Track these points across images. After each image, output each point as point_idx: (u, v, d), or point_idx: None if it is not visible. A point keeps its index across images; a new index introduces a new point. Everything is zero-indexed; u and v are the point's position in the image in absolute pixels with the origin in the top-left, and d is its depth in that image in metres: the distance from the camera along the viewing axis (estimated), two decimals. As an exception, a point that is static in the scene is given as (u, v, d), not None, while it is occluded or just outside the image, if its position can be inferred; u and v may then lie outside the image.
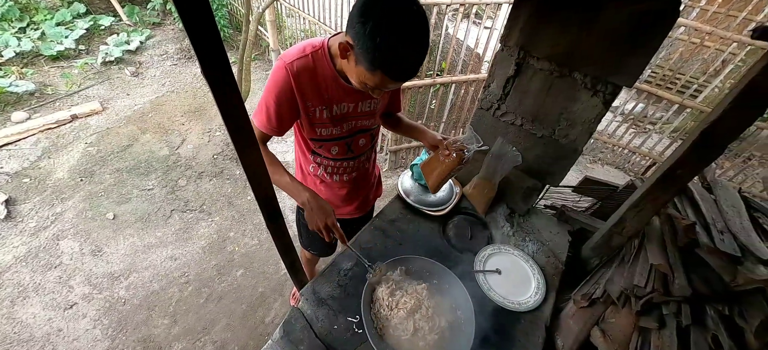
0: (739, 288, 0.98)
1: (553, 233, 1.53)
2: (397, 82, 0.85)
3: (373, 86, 0.87)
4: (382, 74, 0.81)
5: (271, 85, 0.98)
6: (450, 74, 2.88)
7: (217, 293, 2.24)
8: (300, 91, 0.97)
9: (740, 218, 1.18)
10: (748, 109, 0.93)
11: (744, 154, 3.53)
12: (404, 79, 0.84)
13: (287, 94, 0.97)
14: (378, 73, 0.81)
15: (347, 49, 0.83)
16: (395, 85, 0.87)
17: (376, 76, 0.82)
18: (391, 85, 0.86)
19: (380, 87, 0.87)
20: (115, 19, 4.87)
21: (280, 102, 0.99)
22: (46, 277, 2.21)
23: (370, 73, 0.82)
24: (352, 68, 0.87)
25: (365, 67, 0.82)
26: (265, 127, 1.04)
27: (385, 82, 0.83)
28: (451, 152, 1.18)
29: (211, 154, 3.27)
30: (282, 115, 1.02)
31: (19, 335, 1.95)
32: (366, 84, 0.87)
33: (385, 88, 0.89)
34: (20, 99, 3.54)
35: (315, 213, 1.04)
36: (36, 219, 2.53)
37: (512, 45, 1.30)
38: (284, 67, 0.94)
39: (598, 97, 1.21)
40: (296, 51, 0.96)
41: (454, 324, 1.08)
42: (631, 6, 1.01)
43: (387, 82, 0.84)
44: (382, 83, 0.84)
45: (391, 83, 0.85)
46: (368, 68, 0.81)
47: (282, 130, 1.06)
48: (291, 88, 0.96)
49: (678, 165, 1.07)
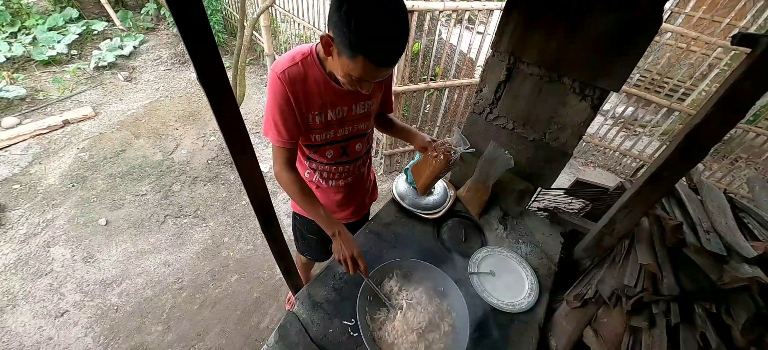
0: (726, 286, 1.01)
1: (545, 235, 1.55)
2: (381, 68, 0.83)
3: (359, 76, 0.85)
4: (364, 60, 0.80)
5: (271, 99, 0.98)
6: (443, 79, 2.91)
7: (212, 299, 2.23)
8: (295, 99, 0.98)
9: (725, 218, 1.21)
10: (730, 112, 0.96)
11: (731, 156, 3.61)
12: (387, 62, 0.83)
13: (286, 103, 0.97)
14: (359, 60, 0.80)
15: (329, 43, 0.83)
16: (380, 72, 0.85)
17: (358, 64, 0.81)
18: (376, 73, 0.84)
19: (366, 77, 0.85)
20: (109, 24, 4.85)
21: (283, 112, 0.99)
22: (37, 285, 2.18)
23: (352, 61, 0.81)
24: (337, 63, 0.86)
25: (347, 57, 0.81)
26: (280, 141, 1.03)
27: (369, 69, 0.82)
28: (438, 154, 1.20)
29: (206, 158, 3.26)
30: (290, 126, 1.01)
31: (8, 344, 1.91)
32: (351, 76, 0.86)
33: (372, 78, 0.87)
34: (11, 104, 3.49)
35: (344, 244, 1.05)
36: (26, 225, 2.49)
37: (503, 51, 1.33)
38: (277, 78, 0.95)
39: (587, 100, 1.24)
40: (287, 60, 0.97)
41: (448, 326, 1.09)
42: (614, 13, 1.04)
43: (371, 70, 0.82)
44: (366, 71, 0.83)
45: (375, 70, 0.83)
46: (350, 57, 0.80)
47: (295, 140, 1.06)
48: (287, 96, 0.96)
49: (665, 167, 1.10)
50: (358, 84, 0.90)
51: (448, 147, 1.19)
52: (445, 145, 1.20)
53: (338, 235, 1.07)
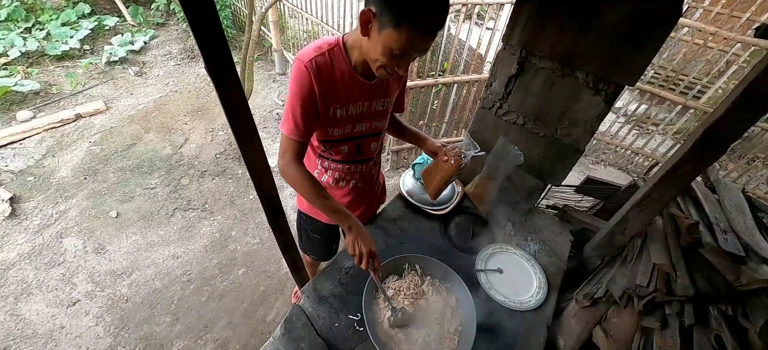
0: (743, 288, 0.98)
1: (554, 233, 1.52)
2: (425, 38, 0.82)
3: (401, 49, 0.82)
4: (409, 29, 0.78)
5: (294, 87, 0.95)
6: (452, 74, 2.88)
7: (219, 291, 2.25)
8: (320, 89, 0.95)
9: (744, 218, 1.17)
10: (750, 108, 0.93)
11: (748, 156, 3.51)
12: (432, 29, 0.81)
13: (310, 91, 0.95)
14: (405, 29, 0.78)
15: (369, 18, 0.81)
16: (424, 42, 0.83)
17: (403, 35, 0.79)
18: (420, 42, 0.83)
19: (409, 48, 0.83)
20: (120, 19, 4.91)
21: (305, 102, 0.96)
22: (50, 274, 2.23)
23: (396, 32, 0.79)
24: (376, 40, 0.84)
25: (391, 27, 0.79)
26: (294, 133, 1.00)
27: (412, 39, 0.80)
28: (449, 158, 1.18)
29: (214, 153, 3.29)
30: (309, 117, 0.99)
31: (22, 332, 1.97)
32: (392, 50, 0.83)
33: (415, 50, 0.85)
34: (25, 98, 3.57)
35: (360, 239, 1.02)
36: (40, 217, 2.54)
37: (514, 44, 1.30)
38: (304, 66, 0.92)
39: (600, 95, 1.20)
40: (313, 49, 0.94)
41: (455, 323, 1.08)
42: (632, 5, 1.01)
43: (416, 39, 0.81)
44: (409, 42, 0.81)
45: (419, 39, 0.81)
46: (394, 27, 0.79)
47: (310, 134, 1.03)
48: (312, 85, 0.94)
49: (681, 164, 1.06)
50: (397, 63, 0.87)
51: (458, 151, 1.18)
52: (455, 149, 1.19)
53: (354, 228, 1.04)
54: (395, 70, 0.89)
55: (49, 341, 1.94)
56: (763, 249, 1.02)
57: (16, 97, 3.53)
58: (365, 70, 0.98)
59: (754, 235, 1.09)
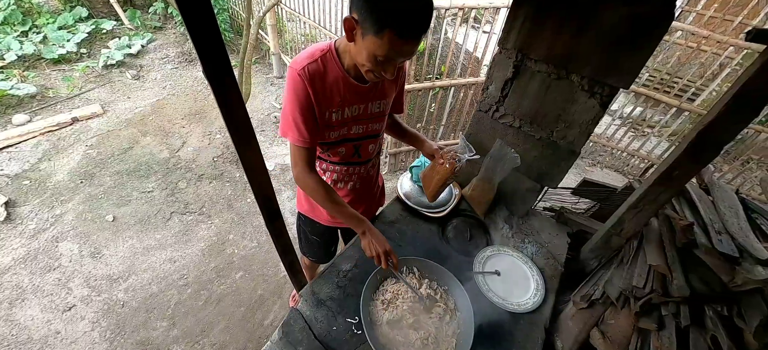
0: (738, 288, 0.98)
1: (552, 235, 1.53)
2: (408, 43, 0.81)
3: (384, 55, 0.82)
4: (391, 34, 0.78)
5: (290, 96, 0.96)
6: (449, 78, 2.89)
7: (216, 295, 2.24)
8: (315, 95, 0.96)
9: (738, 219, 1.18)
10: (743, 110, 0.94)
11: (742, 157, 3.54)
12: (414, 34, 0.80)
13: (306, 98, 0.96)
14: (387, 35, 0.78)
15: (352, 25, 0.81)
16: (407, 47, 0.82)
17: (385, 40, 0.79)
18: (403, 48, 0.82)
19: (392, 54, 0.82)
20: (117, 23, 4.90)
21: (304, 110, 0.97)
22: (45, 279, 2.21)
23: (378, 38, 0.79)
24: (360, 46, 0.84)
25: (373, 34, 0.79)
26: (301, 140, 1.01)
27: (396, 44, 0.80)
28: (445, 161, 1.20)
29: (211, 156, 3.28)
30: (311, 124, 1.00)
31: (17, 337, 1.94)
32: (376, 56, 0.83)
33: (398, 56, 0.84)
34: (21, 101, 3.55)
35: (375, 241, 1.08)
36: (35, 221, 2.52)
37: (510, 47, 1.31)
38: (297, 74, 0.93)
39: (595, 98, 1.22)
40: (306, 56, 0.95)
41: (453, 325, 1.08)
42: (625, 9, 1.03)
43: (398, 45, 0.80)
44: (392, 47, 0.80)
45: (402, 45, 0.81)
46: (376, 33, 0.78)
47: (316, 140, 1.04)
48: (307, 93, 0.95)
49: (675, 166, 1.08)
50: (383, 68, 0.87)
51: (453, 154, 1.19)
52: (450, 152, 1.20)
53: (368, 231, 1.10)
54: (382, 75, 0.90)
55: (45, 346, 1.92)
56: (757, 250, 1.03)
57: (13, 100, 3.51)
58: (358, 74, 0.98)
59: (748, 236, 1.10)
